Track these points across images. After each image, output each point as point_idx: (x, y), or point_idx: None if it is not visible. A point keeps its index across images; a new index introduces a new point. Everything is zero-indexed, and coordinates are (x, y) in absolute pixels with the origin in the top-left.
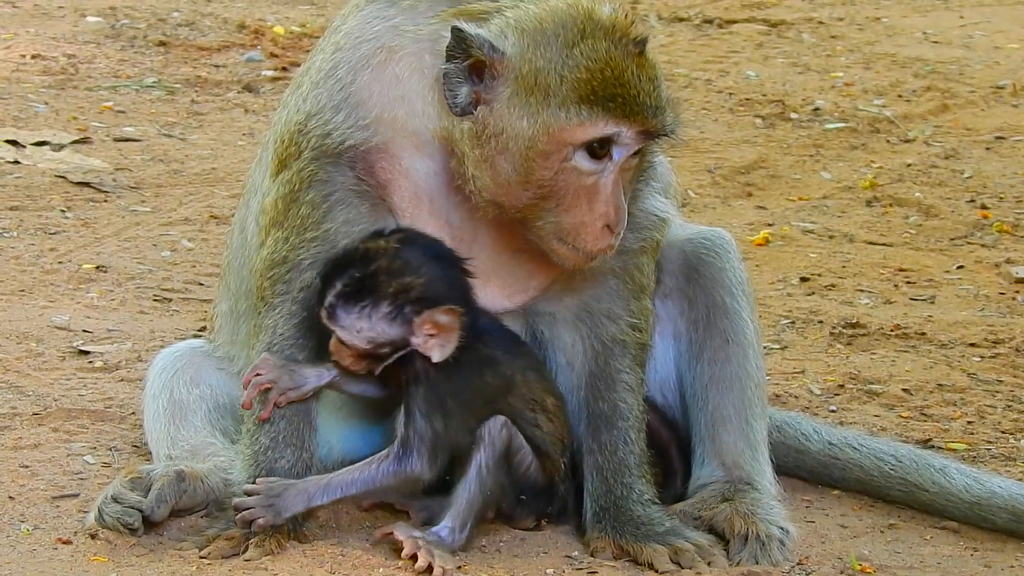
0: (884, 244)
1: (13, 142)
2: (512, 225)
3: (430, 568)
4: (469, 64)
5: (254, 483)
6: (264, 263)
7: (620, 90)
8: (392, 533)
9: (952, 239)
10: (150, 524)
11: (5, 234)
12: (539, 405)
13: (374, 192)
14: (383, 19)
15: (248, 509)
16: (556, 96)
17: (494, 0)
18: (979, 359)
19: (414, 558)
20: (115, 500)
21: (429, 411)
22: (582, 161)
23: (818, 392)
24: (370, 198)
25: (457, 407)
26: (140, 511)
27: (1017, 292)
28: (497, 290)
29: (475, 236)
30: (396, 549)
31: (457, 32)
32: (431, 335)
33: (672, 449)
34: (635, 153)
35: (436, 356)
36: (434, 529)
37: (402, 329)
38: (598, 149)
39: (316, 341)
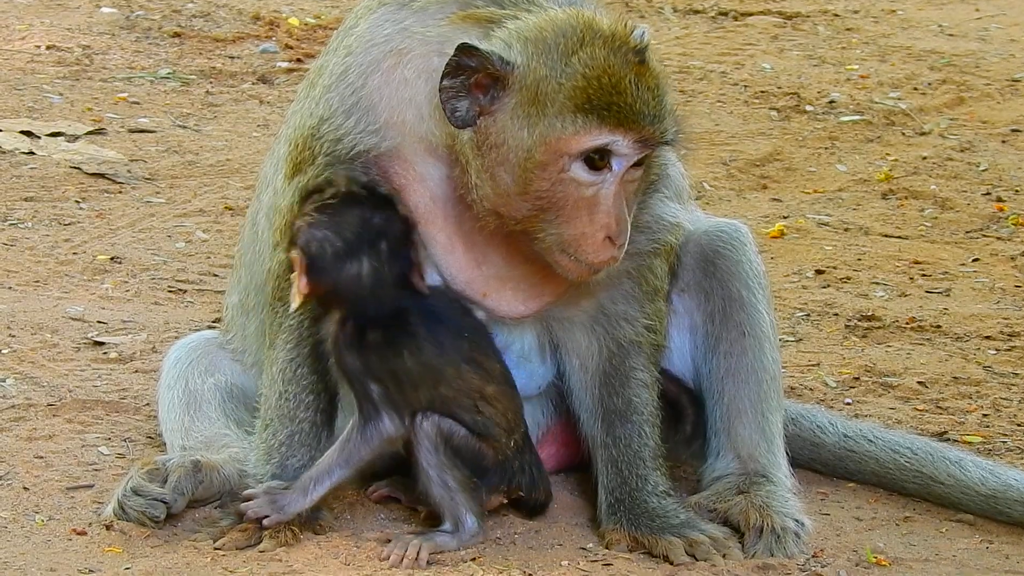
0: (899, 237)
1: (28, 133)
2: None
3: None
4: (473, 81)
5: (256, 488)
6: (281, 266)
7: (616, 98)
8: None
9: (968, 232)
10: (167, 515)
11: (20, 225)
12: (477, 394)
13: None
14: (393, 22)
15: (253, 510)
16: (553, 105)
17: (501, 7)
18: (995, 352)
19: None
20: (136, 493)
21: (370, 376)
22: (580, 172)
23: (833, 385)
24: None
25: (390, 379)
26: (165, 503)
27: None
28: (512, 295)
29: (490, 241)
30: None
31: (467, 48)
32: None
33: (684, 397)
34: (639, 164)
35: (294, 295)
36: (440, 529)
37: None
38: (596, 160)
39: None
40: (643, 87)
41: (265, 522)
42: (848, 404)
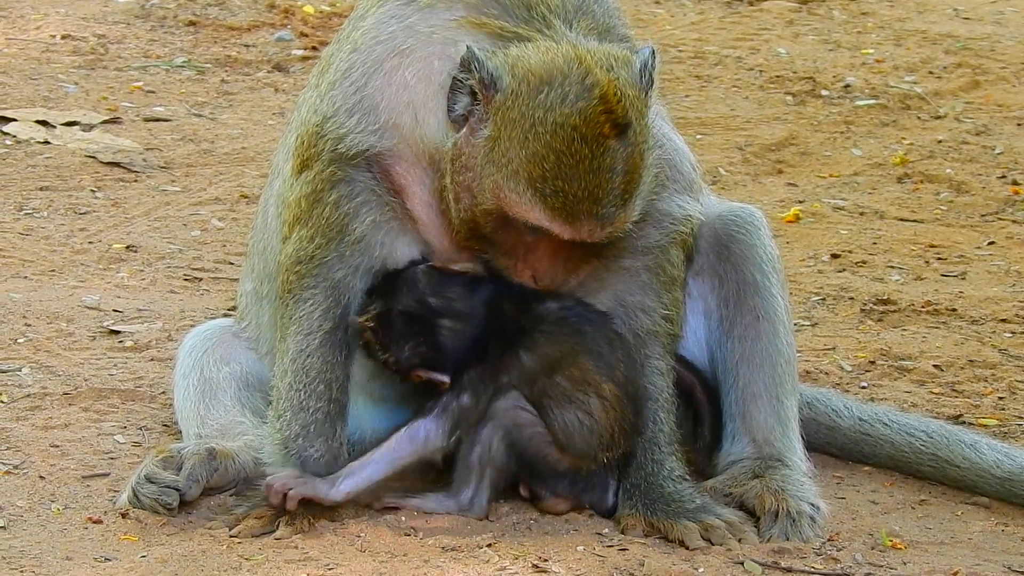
0: (915, 220)
1: (43, 122)
2: None
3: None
4: (471, 84)
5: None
6: (290, 259)
7: (567, 187)
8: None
9: (983, 215)
10: (181, 503)
11: (36, 214)
12: (594, 390)
13: (392, 196)
14: (399, 19)
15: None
16: (512, 162)
17: (515, 23)
18: (1010, 335)
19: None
20: (150, 480)
21: (462, 385)
22: (522, 227)
23: (849, 368)
24: (390, 202)
25: (496, 387)
26: (178, 490)
27: None
28: None
29: None
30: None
31: (473, 53)
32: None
33: (698, 391)
34: None
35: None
36: (441, 492)
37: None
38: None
39: (343, 332)
40: (602, 178)
41: (291, 494)
42: (863, 388)
